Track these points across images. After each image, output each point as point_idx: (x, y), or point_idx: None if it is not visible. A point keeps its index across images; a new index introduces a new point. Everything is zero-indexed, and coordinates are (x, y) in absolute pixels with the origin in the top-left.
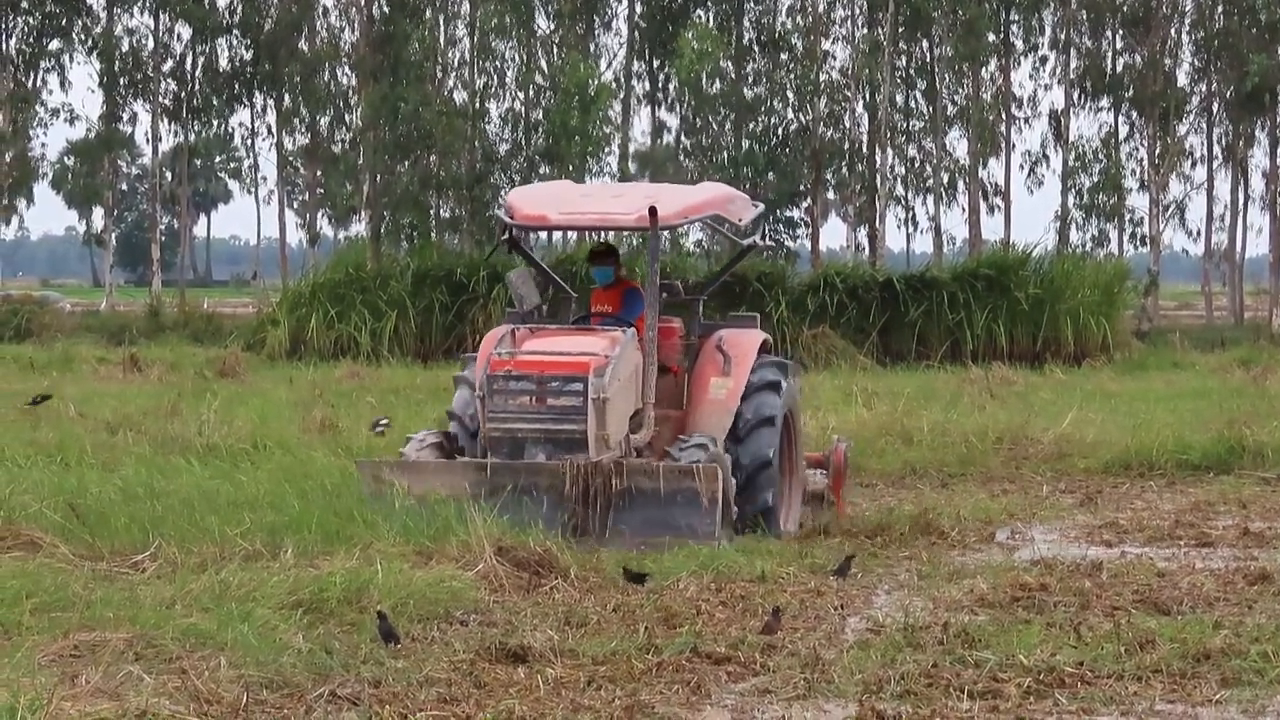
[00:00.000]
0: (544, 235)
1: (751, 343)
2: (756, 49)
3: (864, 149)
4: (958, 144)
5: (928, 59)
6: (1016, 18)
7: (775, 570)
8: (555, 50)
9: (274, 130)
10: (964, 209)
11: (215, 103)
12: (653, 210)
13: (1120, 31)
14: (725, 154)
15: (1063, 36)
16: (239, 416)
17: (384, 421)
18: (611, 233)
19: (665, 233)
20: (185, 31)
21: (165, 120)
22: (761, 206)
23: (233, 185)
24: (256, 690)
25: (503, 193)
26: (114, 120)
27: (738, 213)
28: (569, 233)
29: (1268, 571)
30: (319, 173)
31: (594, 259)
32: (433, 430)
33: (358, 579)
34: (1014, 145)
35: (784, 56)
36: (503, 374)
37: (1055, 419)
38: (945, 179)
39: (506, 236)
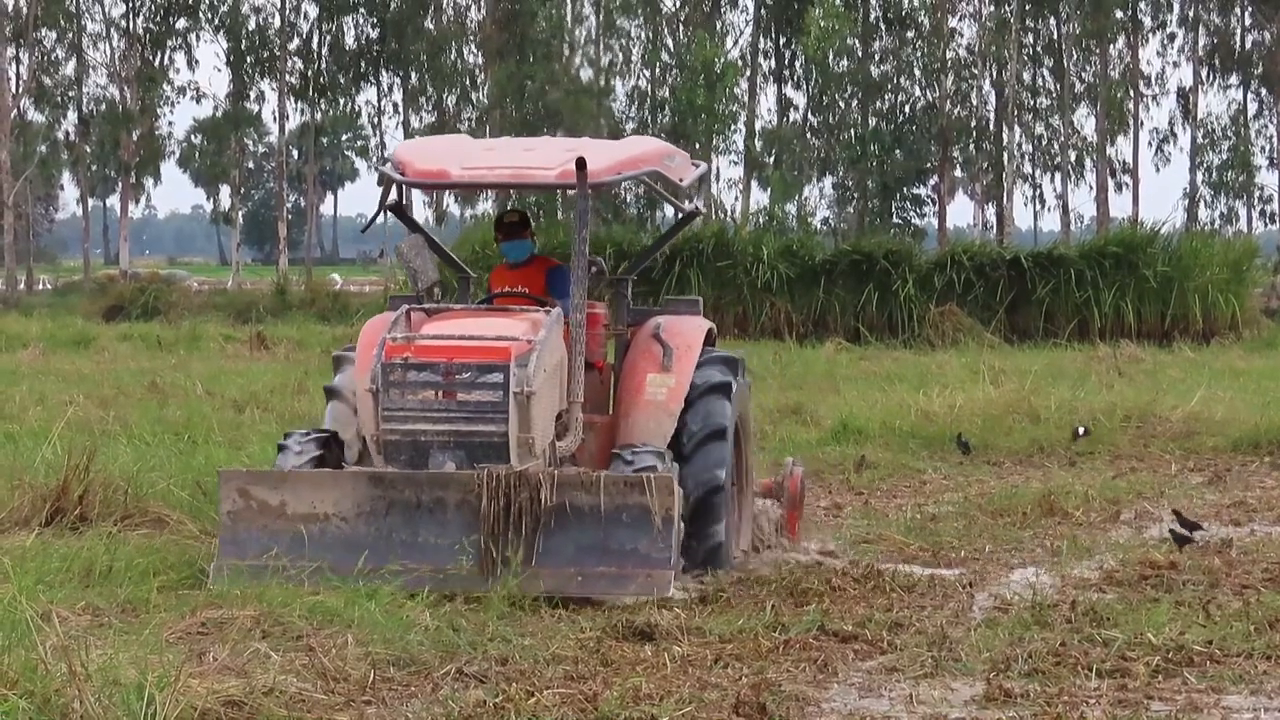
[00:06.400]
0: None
1: (695, 332)
2: (883, 26)
3: (991, 126)
4: (1085, 121)
5: (1055, 36)
6: None
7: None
8: (681, 28)
9: (400, 108)
10: (1091, 186)
11: (342, 81)
12: (580, 162)
13: (1249, 8)
14: (852, 132)
15: (1191, 13)
16: None
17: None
18: (522, 196)
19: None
20: (312, 9)
21: (292, 98)
22: (704, 166)
23: (359, 163)
24: (383, 668)
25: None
26: (241, 99)
27: (678, 171)
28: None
29: None
30: None
31: (505, 231)
32: (312, 431)
33: None
34: (1142, 123)
35: (911, 34)
36: (400, 362)
37: (1184, 397)
38: (1073, 156)
39: (391, 200)
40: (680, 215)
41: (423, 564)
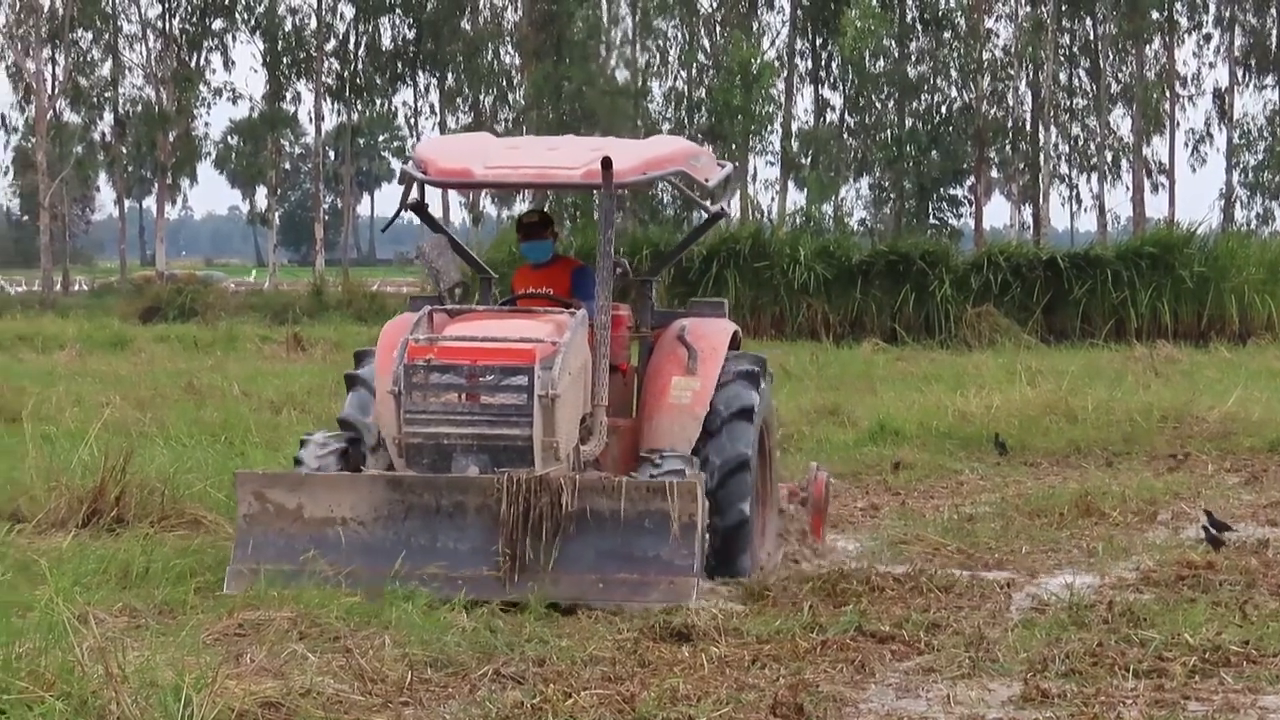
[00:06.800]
0: None
1: (720, 335)
2: (919, 27)
3: (1027, 127)
4: (1121, 122)
5: (1091, 36)
6: None
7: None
8: (718, 28)
9: (437, 109)
10: (1128, 187)
11: (378, 82)
12: (606, 162)
13: None
14: (888, 132)
15: (1227, 14)
16: None
17: None
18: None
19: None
20: (348, 10)
21: (328, 99)
22: (730, 166)
23: (396, 164)
24: (421, 669)
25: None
26: (277, 99)
27: (703, 171)
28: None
29: None
30: None
31: (526, 231)
32: (334, 433)
33: None
34: (1178, 123)
35: (947, 34)
36: (423, 364)
37: (1220, 397)
38: (1109, 157)
39: (413, 199)
40: (706, 216)
41: (441, 569)
